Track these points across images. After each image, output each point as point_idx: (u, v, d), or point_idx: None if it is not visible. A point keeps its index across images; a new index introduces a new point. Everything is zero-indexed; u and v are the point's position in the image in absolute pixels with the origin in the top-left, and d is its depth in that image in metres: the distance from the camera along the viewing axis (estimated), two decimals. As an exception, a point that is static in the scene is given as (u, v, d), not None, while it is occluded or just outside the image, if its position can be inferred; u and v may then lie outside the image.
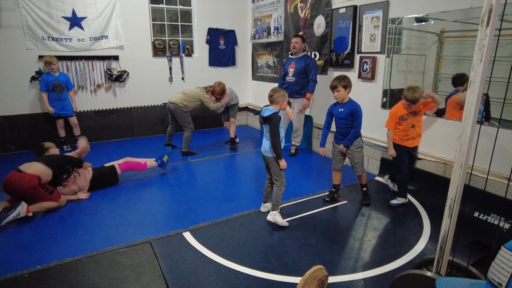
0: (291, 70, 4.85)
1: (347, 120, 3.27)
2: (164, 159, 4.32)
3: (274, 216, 2.99)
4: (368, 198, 3.50)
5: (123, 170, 4.05)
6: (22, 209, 3.06)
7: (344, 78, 3.21)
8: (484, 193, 2.93)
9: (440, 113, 3.56)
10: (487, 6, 1.30)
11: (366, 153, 4.39)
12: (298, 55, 4.81)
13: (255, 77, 7.15)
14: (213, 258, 2.52)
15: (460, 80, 3.37)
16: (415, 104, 3.19)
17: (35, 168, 3.26)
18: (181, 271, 2.37)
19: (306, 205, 3.43)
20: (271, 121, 2.88)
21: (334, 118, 3.41)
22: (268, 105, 3.02)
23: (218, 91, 5.08)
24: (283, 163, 2.97)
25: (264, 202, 3.30)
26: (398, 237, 2.85)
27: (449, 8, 3.35)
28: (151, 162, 4.27)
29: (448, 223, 1.58)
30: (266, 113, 2.91)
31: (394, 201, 3.43)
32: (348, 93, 3.26)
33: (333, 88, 3.23)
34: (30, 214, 3.13)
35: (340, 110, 3.29)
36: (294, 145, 5.15)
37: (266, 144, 3.01)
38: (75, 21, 5.37)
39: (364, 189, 3.51)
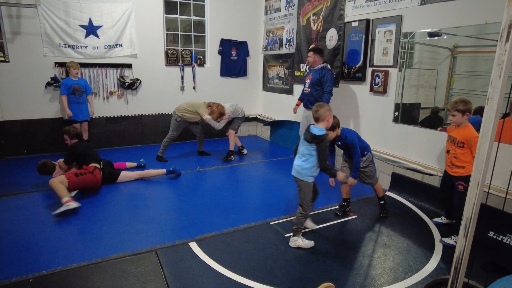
0: (307, 81, 4.77)
1: (349, 150, 3.25)
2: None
3: (296, 242, 2.82)
4: (385, 211, 3.47)
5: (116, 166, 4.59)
6: None
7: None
8: (502, 212, 2.84)
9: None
10: (507, 20, 1.27)
11: (377, 168, 4.32)
12: (315, 67, 4.69)
13: (265, 88, 7.17)
14: (218, 270, 2.48)
15: None
16: (449, 117, 2.86)
17: None
18: (186, 282, 2.33)
19: (315, 219, 3.36)
20: (321, 142, 2.60)
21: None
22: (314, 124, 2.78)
23: (216, 112, 5.05)
24: (340, 176, 2.81)
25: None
26: (408, 255, 2.76)
27: (463, 23, 3.33)
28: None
29: (463, 243, 1.52)
30: (315, 131, 2.63)
31: (446, 239, 2.96)
32: (337, 131, 3.15)
33: None
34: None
35: (338, 143, 3.30)
36: None
37: (298, 164, 2.75)
38: (91, 29, 5.50)
39: (382, 202, 3.49)
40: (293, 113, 5.21)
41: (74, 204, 3.34)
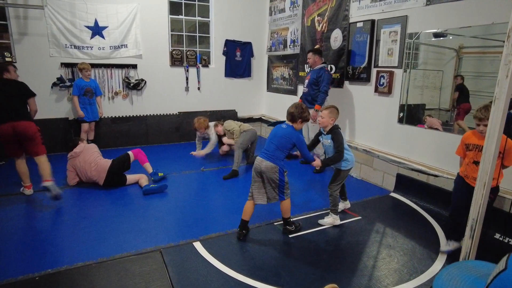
0: (306, 81, 4.89)
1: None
2: (159, 174, 4.37)
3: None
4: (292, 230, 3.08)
5: (135, 155, 4.34)
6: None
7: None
8: (510, 215, 2.82)
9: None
10: (514, 21, 1.26)
11: (382, 169, 4.31)
12: (315, 67, 4.80)
13: (270, 88, 7.18)
14: (223, 270, 2.48)
15: None
16: (480, 126, 2.50)
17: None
18: (190, 282, 2.34)
19: (317, 221, 3.36)
20: None
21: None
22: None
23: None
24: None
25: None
26: (413, 256, 2.75)
27: (469, 23, 3.31)
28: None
29: (469, 244, 1.52)
30: None
31: (444, 248, 2.82)
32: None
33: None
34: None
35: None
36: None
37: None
38: (97, 30, 5.54)
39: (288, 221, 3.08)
40: None
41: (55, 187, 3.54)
